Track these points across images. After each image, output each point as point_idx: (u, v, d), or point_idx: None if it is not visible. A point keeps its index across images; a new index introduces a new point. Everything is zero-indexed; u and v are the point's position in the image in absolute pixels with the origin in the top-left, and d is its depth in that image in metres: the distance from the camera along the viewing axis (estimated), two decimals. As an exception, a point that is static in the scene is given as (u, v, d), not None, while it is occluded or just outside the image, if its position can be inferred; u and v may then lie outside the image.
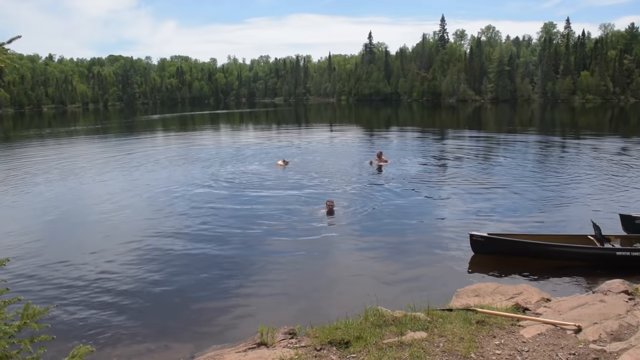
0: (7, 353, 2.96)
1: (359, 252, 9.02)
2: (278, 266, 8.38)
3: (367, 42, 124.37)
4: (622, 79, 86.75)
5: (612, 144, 24.94)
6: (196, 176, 16.98)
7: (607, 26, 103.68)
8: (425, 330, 4.74)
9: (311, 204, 12.36)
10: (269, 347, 4.77)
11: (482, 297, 5.96)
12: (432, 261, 8.51)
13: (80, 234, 10.86)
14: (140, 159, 21.68)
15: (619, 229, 9.51)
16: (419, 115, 66.47)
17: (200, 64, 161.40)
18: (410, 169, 17.71)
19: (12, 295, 3.22)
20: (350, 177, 16.32)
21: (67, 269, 8.27)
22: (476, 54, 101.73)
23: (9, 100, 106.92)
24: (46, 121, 66.00)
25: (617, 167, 17.39)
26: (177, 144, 29.70)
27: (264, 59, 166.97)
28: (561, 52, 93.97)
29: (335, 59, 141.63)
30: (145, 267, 8.34)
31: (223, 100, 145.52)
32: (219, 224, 10.93)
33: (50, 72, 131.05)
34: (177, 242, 9.65)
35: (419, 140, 30.00)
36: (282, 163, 18.59)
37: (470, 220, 10.76)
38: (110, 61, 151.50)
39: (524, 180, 15.40)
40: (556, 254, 8.13)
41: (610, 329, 4.68)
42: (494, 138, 30.94)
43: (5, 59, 3.08)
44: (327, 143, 28.60)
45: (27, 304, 3.11)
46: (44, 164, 20.73)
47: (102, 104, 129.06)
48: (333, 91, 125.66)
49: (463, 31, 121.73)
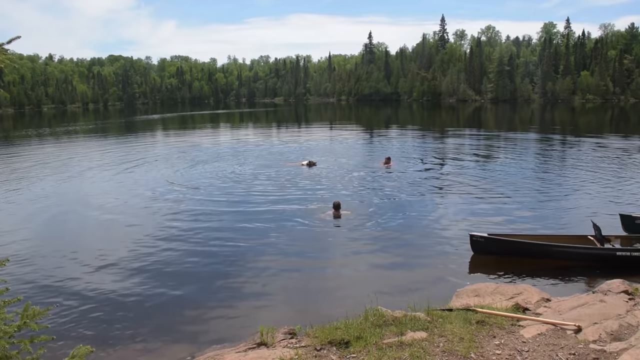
0: (7, 353, 2.96)
1: (359, 252, 9.02)
2: (278, 266, 8.38)
3: (367, 42, 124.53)
4: (622, 79, 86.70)
5: (612, 144, 24.92)
6: (196, 176, 16.98)
7: (607, 26, 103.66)
8: (425, 330, 4.74)
9: (315, 203, 12.36)
10: (269, 347, 4.77)
11: (482, 297, 5.95)
12: (432, 261, 8.51)
13: (80, 234, 10.86)
14: (141, 159, 21.66)
15: (619, 229, 9.52)
16: (419, 115, 66.48)
17: (200, 64, 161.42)
18: (410, 169, 17.71)
19: (12, 295, 3.22)
20: (351, 177, 16.32)
21: (67, 269, 8.27)
22: (476, 54, 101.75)
23: (9, 100, 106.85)
24: (46, 121, 65.96)
25: (617, 167, 17.39)
26: (178, 143, 29.68)
27: (264, 59, 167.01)
28: (561, 52, 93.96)
29: (335, 59, 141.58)
30: (145, 267, 8.33)
31: (223, 100, 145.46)
32: (219, 223, 10.94)
33: (50, 72, 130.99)
34: (177, 242, 9.64)
35: (419, 140, 29.99)
36: (306, 163, 18.25)
37: (470, 220, 10.76)
38: (110, 61, 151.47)
39: (524, 180, 15.40)
40: (556, 254, 8.12)
41: (610, 329, 4.67)
42: (494, 138, 30.93)
43: (5, 59, 3.09)
44: (326, 143, 28.59)
45: (27, 304, 3.11)
46: (44, 163, 20.72)
47: (102, 104, 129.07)
48: (333, 91, 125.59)
49: (463, 31, 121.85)
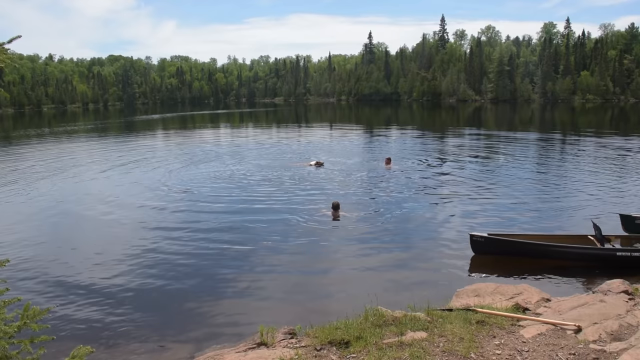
0: (7, 353, 2.96)
1: (359, 252, 9.01)
2: (278, 266, 8.38)
3: (367, 42, 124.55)
4: (622, 79, 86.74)
5: (612, 144, 24.93)
6: (197, 175, 16.96)
7: (607, 26, 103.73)
8: (425, 330, 4.74)
9: (314, 204, 12.36)
10: (269, 347, 4.77)
11: (482, 297, 5.95)
12: (432, 261, 8.51)
13: (80, 234, 10.85)
14: (141, 159, 21.65)
15: (619, 229, 9.52)
16: (419, 115, 66.48)
17: (200, 64, 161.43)
18: (410, 169, 17.69)
19: (12, 295, 3.22)
20: (351, 177, 16.32)
21: (67, 269, 8.27)
22: (476, 54, 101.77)
23: (9, 100, 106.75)
24: (46, 121, 65.93)
25: (618, 167, 17.40)
26: (178, 143, 29.69)
27: (264, 59, 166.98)
28: (561, 52, 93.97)
29: (335, 59, 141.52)
30: (145, 267, 8.33)
31: (223, 100, 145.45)
32: (219, 223, 10.93)
33: (50, 72, 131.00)
34: (177, 242, 9.63)
35: (419, 140, 29.99)
36: (314, 163, 18.18)
37: (470, 220, 10.77)
38: (110, 61, 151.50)
39: (524, 180, 15.40)
40: (556, 254, 8.12)
41: (610, 329, 4.67)
42: (494, 138, 30.91)
43: (5, 58, 3.09)
44: (327, 143, 28.58)
45: (27, 304, 3.11)
46: (44, 163, 20.71)
47: (102, 104, 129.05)
48: (333, 91, 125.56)
49: (463, 31, 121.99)
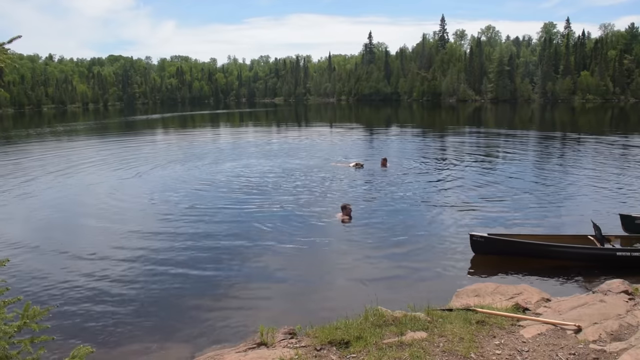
0: (7, 353, 2.95)
1: (358, 252, 9.01)
2: (278, 266, 8.38)
3: (367, 42, 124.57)
4: (622, 79, 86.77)
5: (612, 144, 24.93)
6: (199, 175, 16.95)
7: (607, 26, 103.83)
8: (425, 330, 4.74)
9: (318, 205, 12.35)
10: (269, 347, 4.77)
11: (482, 297, 5.95)
12: (432, 261, 8.51)
13: (81, 234, 10.84)
14: (141, 159, 21.66)
15: (619, 229, 9.52)
16: (419, 115, 66.47)
17: (200, 64, 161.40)
18: (410, 169, 17.69)
19: (12, 295, 3.22)
20: (350, 177, 16.32)
21: (66, 269, 8.27)
22: (476, 54, 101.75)
23: (9, 100, 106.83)
24: (46, 121, 65.90)
25: (618, 167, 17.40)
26: (178, 142, 29.68)
27: (264, 59, 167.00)
28: (561, 52, 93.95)
29: (335, 59, 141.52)
30: (145, 267, 8.33)
31: (223, 100, 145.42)
32: (220, 223, 10.92)
33: (50, 72, 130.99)
34: (177, 242, 9.63)
35: (419, 139, 30.01)
36: (353, 165, 18.06)
37: (470, 220, 10.76)
38: (110, 61, 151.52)
39: (524, 180, 15.39)
40: (556, 254, 8.12)
41: (610, 329, 4.67)
42: (494, 138, 30.93)
43: (6, 58, 3.08)
44: (326, 143, 28.58)
45: (27, 304, 3.10)
46: (44, 163, 20.71)
47: (102, 104, 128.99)
48: (333, 91, 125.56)
49: (463, 31, 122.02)
